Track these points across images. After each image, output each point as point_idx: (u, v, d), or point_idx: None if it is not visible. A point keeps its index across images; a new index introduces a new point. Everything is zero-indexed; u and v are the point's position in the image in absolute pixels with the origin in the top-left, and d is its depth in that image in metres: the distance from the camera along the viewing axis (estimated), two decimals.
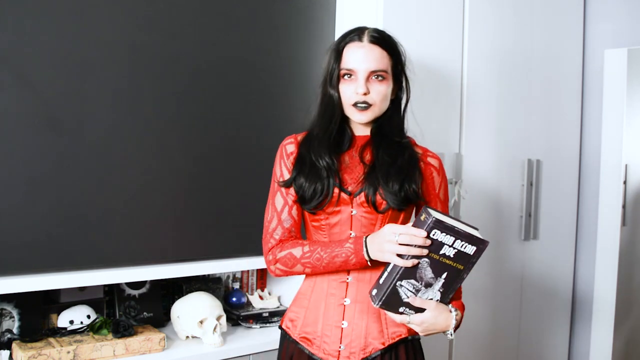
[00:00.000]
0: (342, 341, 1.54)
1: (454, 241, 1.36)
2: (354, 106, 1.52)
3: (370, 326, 1.54)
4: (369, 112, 1.53)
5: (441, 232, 1.35)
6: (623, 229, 2.78)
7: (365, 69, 1.50)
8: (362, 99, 1.51)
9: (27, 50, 1.77)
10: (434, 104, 2.34)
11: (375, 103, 1.52)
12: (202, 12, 2.07)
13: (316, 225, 1.59)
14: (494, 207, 2.64)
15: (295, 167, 1.57)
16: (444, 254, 1.37)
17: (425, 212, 1.37)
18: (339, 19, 2.34)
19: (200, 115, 2.09)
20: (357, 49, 1.52)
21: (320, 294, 1.58)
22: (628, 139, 2.77)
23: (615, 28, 2.91)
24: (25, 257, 1.80)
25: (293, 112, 2.27)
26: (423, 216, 1.37)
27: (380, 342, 1.53)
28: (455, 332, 1.49)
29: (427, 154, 1.62)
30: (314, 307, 1.58)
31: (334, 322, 1.55)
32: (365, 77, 1.51)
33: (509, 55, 2.64)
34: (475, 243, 1.37)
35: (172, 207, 2.04)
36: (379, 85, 1.52)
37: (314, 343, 1.56)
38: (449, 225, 1.35)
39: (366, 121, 1.55)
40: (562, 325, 3.01)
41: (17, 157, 1.78)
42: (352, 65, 1.51)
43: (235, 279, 2.45)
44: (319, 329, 1.56)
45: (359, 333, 1.53)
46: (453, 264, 1.39)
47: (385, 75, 1.52)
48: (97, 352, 1.84)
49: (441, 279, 1.41)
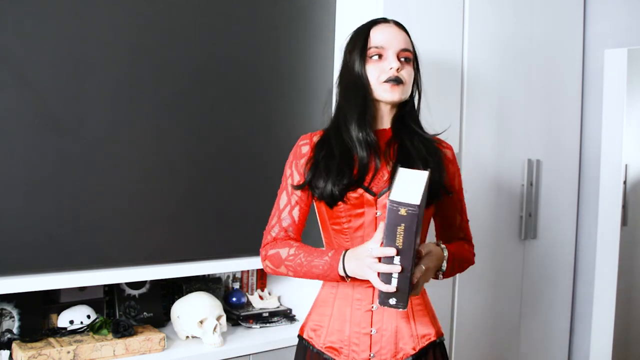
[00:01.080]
0: (371, 349, 1.47)
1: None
2: (386, 83, 1.46)
3: (400, 331, 1.48)
4: (400, 89, 1.48)
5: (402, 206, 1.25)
6: (623, 229, 2.78)
7: (396, 46, 1.48)
8: (395, 75, 1.46)
9: (27, 50, 1.77)
10: (433, 104, 2.33)
11: (406, 81, 1.49)
12: (202, 12, 2.07)
13: (337, 229, 1.51)
14: (494, 206, 2.64)
15: (310, 170, 1.50)
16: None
17: (398, 205, 1.23)
18: (339, 19, 2.34)
19: (200, 115, 2.09)
20: (385, 28, 1.51)
21: (344, 300, 1.50)
22: (628, 139, 2.77)
23: (615, 28, 2.91)
24: (25, 257, 1.80)
25: (293, 112, 2.27)
26: (404, 210, 1.24)
27: (411, 347, 1.48)
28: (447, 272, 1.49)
29: (442, 145, 1.59)
30: (339, 314, 1.50)
31: (362, 329, 1.48)
32: (395, 54, 1.48)
33: (509, 55, 2.64)
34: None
35: (172, 207, 2.04)
36: (407, 66, 1.50)
37: (342, 352, 1.49)
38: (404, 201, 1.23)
39: (398, 99, 1.48)
40: (562, 325, 3.01)
41: (17, 157, 1.78)
42: (383, 42, 1.48)
43: (235, 279, 2.45)
44: (345, 337, 1.49)
45: (388, 339, 1.47)
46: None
47: (411, 58, 1.52)
48: (97, 352, 1.84)
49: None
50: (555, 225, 2.90)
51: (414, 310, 1.51)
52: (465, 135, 2.49)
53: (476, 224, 2.54)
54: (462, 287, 2.51)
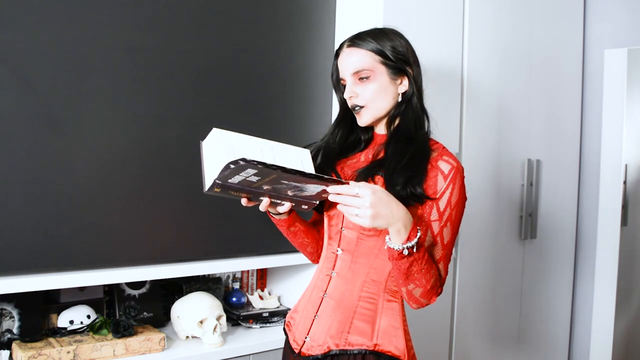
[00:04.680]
0: (309, 332, 1.53)
1: (238, 175, 1.29)
2: (353, 110, 1.56)
3: (334, 325, 1.49)
4: (364, 113, 1.54)
5: (231, 178, 1.30)
6: (623, 229, 2.78)
7: (348, 74, 1.53)
8: (352, 103, 1.54)
9: (27, 50, 1.77)
10: (433, 104, 2.33)
11: (366, 103, 1.52)
12: (202, 12, 2.07)
13: (325, 219, 1.62)
14: (494, 206, 2.64)
15: None
16: (259, 180, 1.32)
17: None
18: (339, 19, 2.34)
19: (200, 115, 2.08)
20: (340, 57, 1.57)
21: (311, 285, 1.61)
22: (628, 139, 2.77)
23: (615, 28, 2.91)
24: (25, 257, 1.80)
25: (293, 112, 2.27)
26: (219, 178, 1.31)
27: (334, 343, 1.48)
28: (415, 248, 1.32)
29: (442, 157, 1.46)
30: (303, 297, 1.62)
31: (310, 314, 1.56)
32: (352, 81, 1.53)
33: (509, 56, 2.64)
34: (235, 163, 1.25)
35: (172, 207, 2.04)
36: (367, 85, 1.52)
37: (291, 330, 1.60)
38: (220, 175, 1.29)
39: (366, 123, 1.55)
40: (562, 325, 3.01)
41: (17, 157, 1.77)
42: (341, 72, 1.56)
43: (235, 279, 2.45)
44: (298, 318, 1.59)
45: (322, 328, 1.50)
46: (270, 178, 1.31)
47: (370, 73, 1.51)
48: (97, 352, 1.84)
49: (302, 186, 1.34)
50: (555, 225, 2.90)
51: (358, 312, 1.48)
52: (465, 135, 2.49)
53: (476, 224, 2.55)
54: (462, 287, 2.52)
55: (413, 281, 1.38)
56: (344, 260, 1.53)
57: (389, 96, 1.53)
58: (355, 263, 1.51)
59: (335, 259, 1.54)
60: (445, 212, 1.43)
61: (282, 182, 1.34)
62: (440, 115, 2.40)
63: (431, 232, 1.43)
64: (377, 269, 1.49)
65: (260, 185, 1.36)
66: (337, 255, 1.54)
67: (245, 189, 1.39)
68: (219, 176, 1.30)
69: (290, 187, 1.37)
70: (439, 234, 1.43)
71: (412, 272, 1.36)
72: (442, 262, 1.45)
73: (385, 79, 1.52)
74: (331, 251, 1.56)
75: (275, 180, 1.33)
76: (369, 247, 1.50)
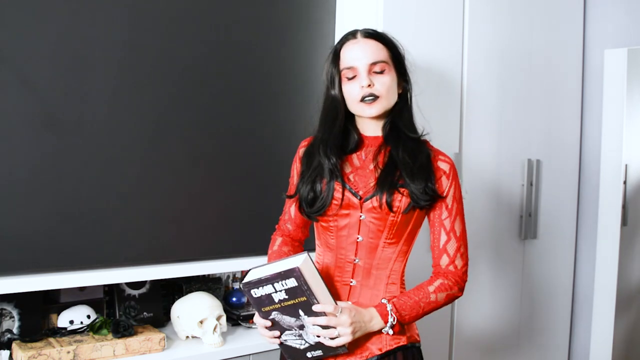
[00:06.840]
0: None
1: (274, 286, 1.39)
2: (362, 102, 1.51)
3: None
4: (377, 104, 1.51)
5: (258, 288, 1.40)
6: (623, 229, 2.78)
7: (364, 63, 1.50)
8: (367, 92, 1.50)
9: (27, 50, 1.77)
10: (434, 104, 2.34)
11: (381, 94, 1.51)
12: (202, 12, 2.07)
13: (324, 226, 1.58)
14: (494, 206, 2.64)
15: (300, 176, 1.61)
16: (280, 300, 1.40)
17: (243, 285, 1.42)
18: (339, 19, 2.34)
19: (200, 115, 2.09)
20: (352, 45, 1.53)
21: None
22: (628, 139, 2.77)
23: (615, 28, 2.91)
24: (25, 257, 1.80)
25: (293, 112, 2.27)
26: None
27: (377, 348, 1.52)
28: (399, 322, 1.49)
29: (439, 157, 1.56)
30: None
31: None
32: (366, 70, 1.50)
33: (509, 56, 2.64)
34: (289, 276, 1.37)
35: (172, 207, 2.04)
36: (381, 77, 1.51)
37: None
38: (256, 279, 1.39)
39: (377, 114, 1.52)
40: (562, 325, 3.01)
41: (17, 157, 1.78)
42: (352, 62, 1.52)
43: (235, 279, 2.45)
44: None
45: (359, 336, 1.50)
46: (295, 301, 1.40)
47: (385, 67, 1.52)
48: (97, 352, 1.84)
49: (303, 317, 1.42)
50: (555, 225, 2.90)
51: None
52: (465, 135, 2.49)
53: (476, 224, 2.54)
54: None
55: (428, 313, 1.54)
56: (365, 269, 1.55)
57: (395, 94, 1.56)
58: (377, 269, 1.55)
59: (354, 268, 1.56)
60: (452, 207, 1.55)
61: (299, 310, 1.42)
62: (441, 115, 2.41)
63: (444, 230, 1.54)
64: (395, 270, 1.56)
65: (271, 310, 1.44)
66: (355, 264, 1.55)
67: (259, 305, 1.45)
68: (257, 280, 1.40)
69: (295, 320, 1.45)
70: (451, 230, 1.54)
71: (419, 317, 1.53)
72: (458, 253, 1.55)
73: (394, 77, 1.54)
74: (346, 260, 1.56)
75: (294, 307, 1.41)
76: (389, 253, 1.55)
